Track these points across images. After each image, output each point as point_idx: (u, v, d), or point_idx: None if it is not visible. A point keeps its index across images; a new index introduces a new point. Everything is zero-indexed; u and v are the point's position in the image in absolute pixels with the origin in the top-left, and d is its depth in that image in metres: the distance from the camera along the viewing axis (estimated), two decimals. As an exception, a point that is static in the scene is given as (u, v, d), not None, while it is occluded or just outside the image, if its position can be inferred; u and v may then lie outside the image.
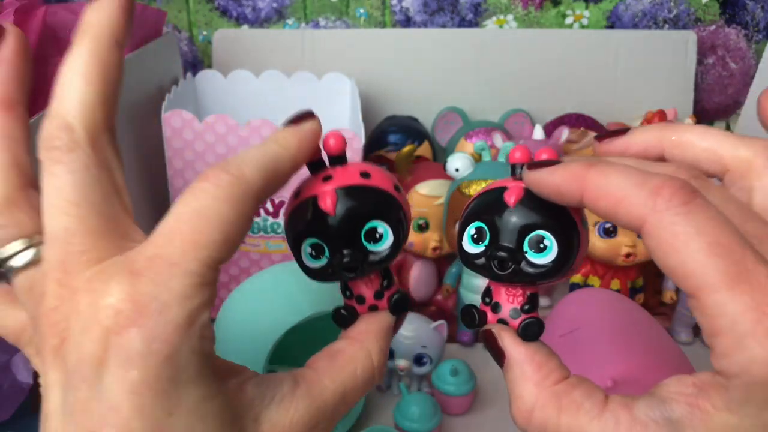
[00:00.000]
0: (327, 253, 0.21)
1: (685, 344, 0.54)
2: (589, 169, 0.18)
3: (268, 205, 0.51)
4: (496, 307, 0.22)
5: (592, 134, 0.61)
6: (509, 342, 0.21)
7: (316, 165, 0.21)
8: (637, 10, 0.68)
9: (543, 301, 0.60)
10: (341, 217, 0.20)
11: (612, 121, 0.64)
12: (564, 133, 0.55)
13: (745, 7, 0.68)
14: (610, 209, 0.18)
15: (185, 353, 0.17)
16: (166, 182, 0.50)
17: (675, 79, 0.67)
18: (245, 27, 0.68)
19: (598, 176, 0.18)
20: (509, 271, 0.20)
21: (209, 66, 0.69)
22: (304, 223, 0.21)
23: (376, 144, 0.61)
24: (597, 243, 0.50)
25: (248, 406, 0.19)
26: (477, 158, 0.51)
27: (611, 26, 0.69)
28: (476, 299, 0.55)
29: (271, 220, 0.51)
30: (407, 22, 0.68)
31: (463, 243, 0.22)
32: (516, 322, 0.21)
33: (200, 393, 0.17)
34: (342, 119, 0.62)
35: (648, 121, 0.57)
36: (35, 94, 0.43)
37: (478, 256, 0.21)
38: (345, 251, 0.20)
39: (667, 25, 0.68)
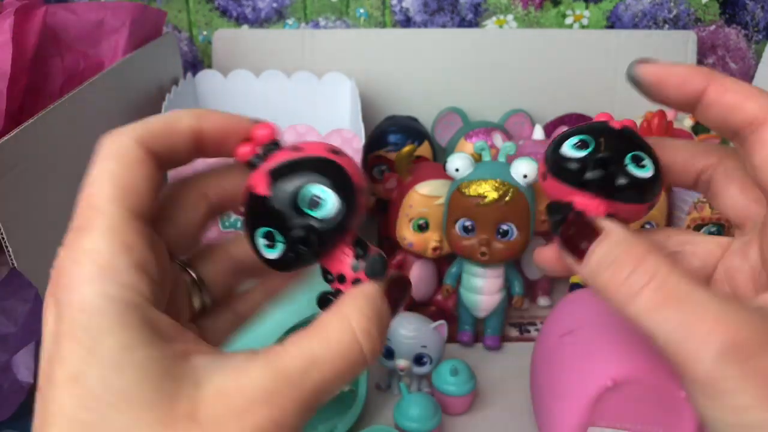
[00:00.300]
0: (280, 238, 0.20)
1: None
2: (713, 71, 0.20)
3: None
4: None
5: (592, 134, 0.61)
6: (605, 221, 0.21)
7: (253, 164, 0.21)
8: (637, 10, 0.68)
9: (543, 301, 0.60)
10: (277, 195, 0.19)
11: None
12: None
13: (745, 7, 0.68)
14: (736, 103, 0.20)
15: (99, 301, 0.17)
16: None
17: (675, 79, 0.67)
18: (245, 27, 0.68)
19: (724, 77, 0.20)
20: (604, 176, 0.21)
21: (209, 66, 0.69)
22: (249, 215, 0.20)
23: (376, 144, 0.61)
24: (597, 243, 0.50)
25: (190, 371, 0.17)
26: (477, 158, 0.51)
27: (611, 26, 0.69)
28: (476, 299, 0.55)
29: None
30: (407, 22, 0.68)
31: (563, 149, 0.22)
32: None
33: (119, 342, 0.17)
34: (342, 119, 0.62)
35: (648, 121, 0.57)
36: (34, 93, 0.43)
37: (576, 161, 0.22)
38: (292, 227, 0.20)
39: (667, 25, 0.69)
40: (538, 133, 0.56)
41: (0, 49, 0.39)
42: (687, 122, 0.62)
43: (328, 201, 0.19)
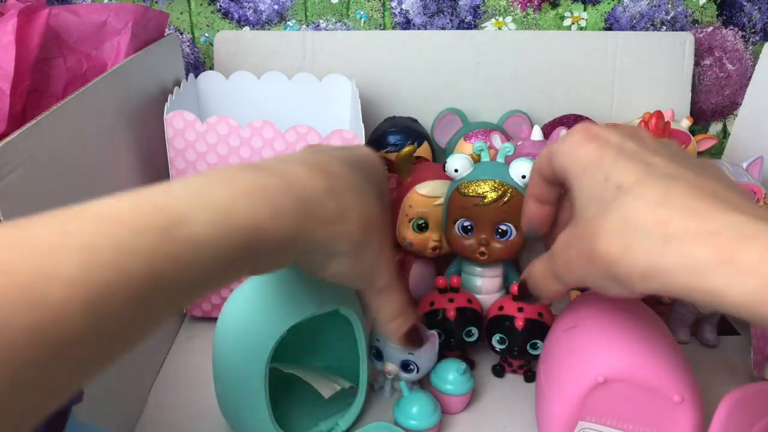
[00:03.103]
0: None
1: (683, 343, 0.54)
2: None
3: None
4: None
5: (591, 135, 0.61)
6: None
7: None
8: (635, 12, 0.68)
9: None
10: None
11: (610, 122, 0.64)
12: (562, 134, 0.56)
13: (742, 8, 0.69)
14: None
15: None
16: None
17: (672, 80, 0.67)
18: (246, 29, 0.69)
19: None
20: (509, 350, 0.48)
21: (211, 68, 0.69)
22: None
23: (376, 145, 0.61)
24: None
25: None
26: (476, 159, 0.51)
27: (609, 28, 0.69)
28: (475, 298, 0.55)
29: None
30: (407, 24, 0.69)
31: (492, 342, 0.49)
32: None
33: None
34: (342, 120, 0.63)
35: (645, 122, 0.57)
36: (37, 94, 0.43)
37: (499, 350, 0.49)
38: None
39: (664, 27, 0.69)
40: (537, 134, 0.56)
41: (3, 50, 0.40)
42: (684, 123, 0.63)
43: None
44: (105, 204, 0.22)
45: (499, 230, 0.49)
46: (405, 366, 0.45)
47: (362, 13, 0.68)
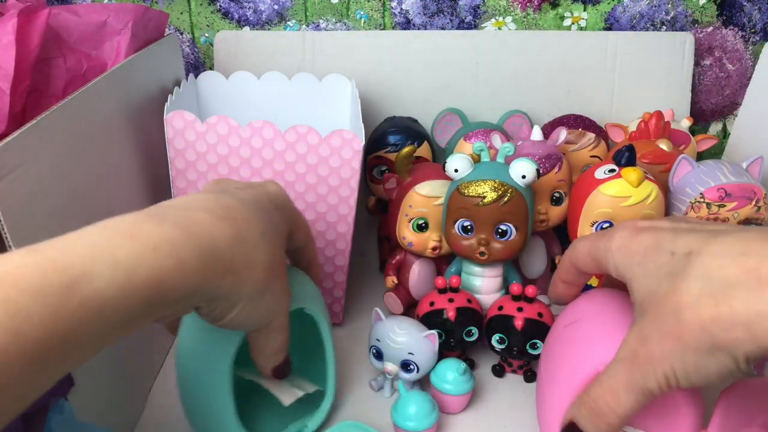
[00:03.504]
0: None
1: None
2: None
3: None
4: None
5: (590, 135, 0.61)
6: None
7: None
8: (635, 12, 0.68)
9: (542, 299, 0.60)
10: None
11: (610, 122, 0.64)
12: (562, 134, 0.56)
13: (743, 8, 0.69)
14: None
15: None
16: (169, 182, 0.51)
17: (672, 80, 0.67)
18: (246, 29, 0.69)
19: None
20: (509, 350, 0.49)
21: (211, 68, 0.69)
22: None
23: (376, 145, 0.61)
24: (595, 243, 0.50)
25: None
26: (476, 159, 0.51)
27: (609, 28, 0.69)
28: (475, 297, 0.55)
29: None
30: (407, 24, 0.69)
31: (492, 342, 0.49)
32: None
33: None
34: (342, 120, 0.63)
35: (645, 122, 0.57)
36: (37, 94, 0.43)
37: (498, 350, 0.49)
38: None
39: (664, 27, 0.69)
40: (537, 134, 0.56)
41: (3, 50, 0.40)
42: (684, 123, 0.63)
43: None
44: (0, 264, 0.21)
45: (499, 230, 0.49)
46: (405, 366, 0.45)
47: (362, 13, 0.68)
